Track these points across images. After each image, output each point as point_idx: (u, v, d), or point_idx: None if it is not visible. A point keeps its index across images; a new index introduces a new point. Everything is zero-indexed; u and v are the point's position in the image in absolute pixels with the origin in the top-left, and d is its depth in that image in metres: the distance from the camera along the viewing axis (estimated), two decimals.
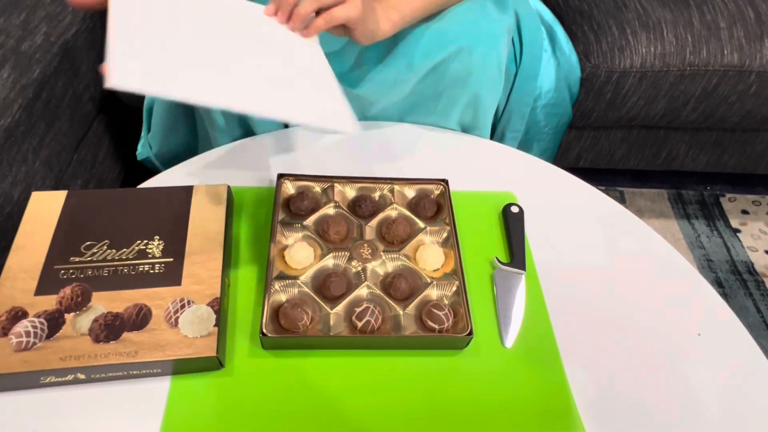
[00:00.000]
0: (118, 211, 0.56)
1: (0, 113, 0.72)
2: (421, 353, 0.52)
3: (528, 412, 0.49)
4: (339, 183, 0.62)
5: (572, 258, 0.62)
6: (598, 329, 0.56)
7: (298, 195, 0.60)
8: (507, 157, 0.74)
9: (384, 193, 0.63)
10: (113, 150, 1.04)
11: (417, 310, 0.53)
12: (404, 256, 0.57)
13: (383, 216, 0.60)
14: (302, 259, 0.55)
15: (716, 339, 0.56)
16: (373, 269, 0.55)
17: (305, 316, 0.50)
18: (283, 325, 0.50)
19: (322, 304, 0.52)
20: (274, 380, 0.49)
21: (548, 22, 1.02)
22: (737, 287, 1.19)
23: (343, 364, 0.51)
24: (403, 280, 0.54)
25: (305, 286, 0.53)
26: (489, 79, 0.73)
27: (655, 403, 0.51)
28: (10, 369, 0.45)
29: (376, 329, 0.51)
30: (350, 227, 0.59)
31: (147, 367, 0.47)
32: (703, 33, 1.01)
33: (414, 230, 0.59)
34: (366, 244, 0.57)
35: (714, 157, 1.24)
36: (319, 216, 0.59)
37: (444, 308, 0.52)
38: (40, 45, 0.82)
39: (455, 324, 0.52)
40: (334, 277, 0.53)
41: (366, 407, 0.48)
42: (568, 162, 1.23)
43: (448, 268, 0.56)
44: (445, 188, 0.63)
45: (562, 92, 1.02)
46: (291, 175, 0.61)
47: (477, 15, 0.72)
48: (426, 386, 0.50)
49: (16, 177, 0.73)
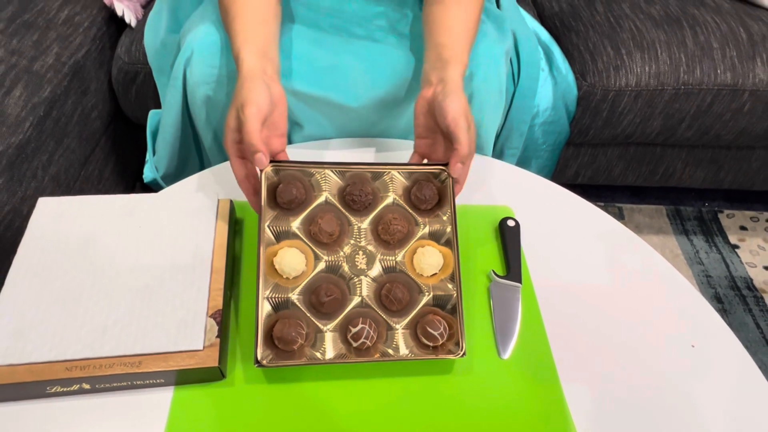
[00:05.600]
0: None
1: (12, 131, 0.74)
2: (417, 368, 0.53)
3: (525, 424, 0.50)
4: (330, 170, 0.56)
5: (568, 271, 0.63)
6: (594, 342, 0.57)
7: (285, 187, 0.54)
8: (504, 174, 0.75)
9: (381, 180, 0.58)
10: (120, 167, 1.06)
11: (412, 325, 0.53)
12: (401, 264, 0.55)
13: (379, 212, 0.56)
14: (293, 268, 0.52)
15: (711, 352, 0.57)
16: (367, 278, 0.54)
17: (300, 337, 0.49)
18: (278, 346, 0.49)
19: (317, 323, 0.51)
20: (274, 391, 0.50)
21: (545, 42, 1.05)
22: (736, 303, 1.20)
23: (341, 375, 0.51)
24: (399, 291, 0.52)
25: (298, 302, 0.52)
26: (490, 101, 0.75)
27: (652, 416, 0.52)
28: (17, 379, 0.46)
29: (372, 347, 0.50)
30: (343, 225, 0.55)
31: (150, 378, 0.48)
32: (696, 53, 1.03)
33: (412, 228, 0.56)
34: (360, 251, 0.54)
35: (711, 174, 1.25)
36: (309, 212, 0.55)
37: (439, 326, 0.51)
38: (52, 65, 0.85)
39: (450, 337, 0.52)
40: (326, 295, 0.51)
41: (364, 418, 0.49)
42: (567, 178, 1.24)
43: (446, 272, 0.55)
44: (448, 175, 0.57)
45: (559, 110, 1.04)
46: (276, 162, 0.55)
47: (477, 39, 0.74)
48: (423, 399, 0.51)
49: (26, 192, 0.75)
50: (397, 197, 0.57)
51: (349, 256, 0.54)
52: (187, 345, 0.49)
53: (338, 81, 0.72)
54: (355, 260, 0.54)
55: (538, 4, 1.23)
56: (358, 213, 0.56)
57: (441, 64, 0.61)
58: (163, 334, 0.49)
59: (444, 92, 0.57)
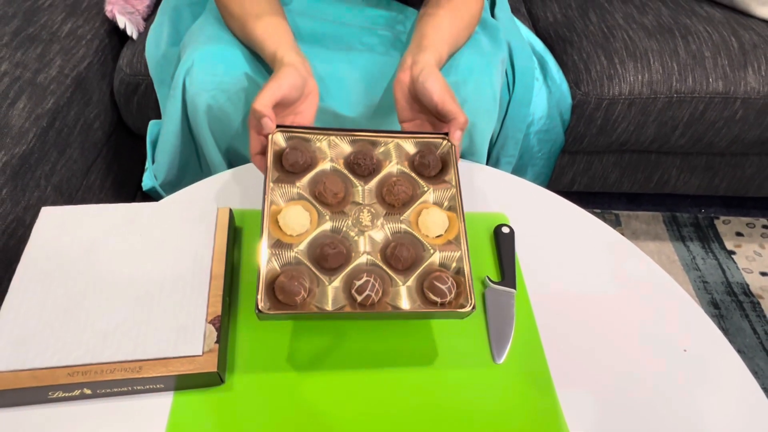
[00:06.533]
0: None
1: (16, 141, 0.76)
2: (412, 366, 0.54)
3: (519, 428, 0.51)
4: (336, 136, 0.58)
5: (562, 278, 0.64)
6: (587, 347, 0.57)
7: (291, 150, 0.55)
8: (499, 181, 0.76)
9: (385, 148, 0.58)
10: (121, 176, 1.07)
11: (418, 282, 0.51)
12: (406, 222, 0.54)
13: (383, 175, 0.57)
14: (298, 225, 0.52)
15: (704, 357, 0.58)
16: (372, 236, 0.53)
17: (302, 289, 0.48)
18: (280, 299, 0.48)
19: (320, 276, 0.50)
20: (272, 396, 0.51)
21: (539, 52, 1.07)
22: (733, 309, 1.20)
23: (338, 380, 0.52)
24: (405, 250, 0.51)
25: (302, 256, 0.51)
26: (483, 107, 0.77)
27: (645, 421, 0.52)
28: (20, 384, 0.47)
29: (377, 302, 0.49)
30: (348, 188, 0.56)
31: (150, 383, 0.49)
32: (688, 62, 1.05)
33: (417, 192, 0.56)
34: (366, 209, 0.54)
35: (705, 181, 1.27)
36: (315, 174, 0.55)
37: (447, 281, 0.50)
38: (55, 77, 0.87)
39: (457, 296, 0.50)
40: (331, 248, 0.50)
41: (360, 423, 0.50)
42: (563, 186, 1.26)
43: (451, 234, 0.54)
44: (450, 144, 0.58)
45: (554, 119, 1.06)
46: (284, 128, 0.57)
47: (471, 49, 0.76)
48: (416, 402, 0.51)
49: (29, 202, 0.76)
50: (401, 164, 0.58)
51: (353, 216, 0.54)
52: (187, 350, 0.50)
53: (333, 90, 0.74)
54: (360, 218, 0.54)
55: (533, 15, 1.25)
56: (362, 178, 0.57)
57: (418, 50, 0.65)
58: (163, 339, 0.50)
59: (423, 75, 0.60)
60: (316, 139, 0.58)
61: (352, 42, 0.79)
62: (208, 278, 0.55)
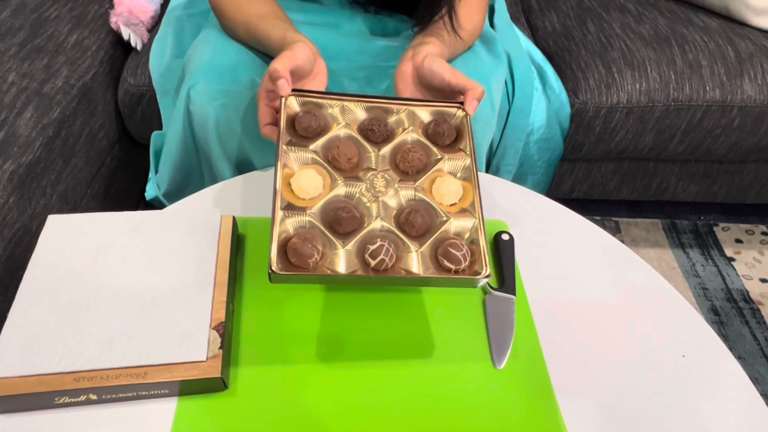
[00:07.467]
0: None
1: (23, 150, 0.77)
2: (412, 371, 0.54)
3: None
4: (350, 102, 0.57)
5: (562, 284, 0.64)
6: (587, 353, 0.58)
7: (304, 114, 0.55)
8: (499, 189, 0.77)
9: (398, 116, 0.58)
10: (125, 185, 1.08)
11: (432, 249, 0.50)
12: (420, 189, 0.53)
13: (397, 142, 0.56)
14: (311, 188, 0.51)
15: (703, 363, 0.58)
16: (386, 202, 0.52)
17: (315, 252, 0.47)
18: (293, 261, 0.48)
19: (334, 240, 0.49)
20: (275, 400, 0.51)
21: (538, 62, 1.08)
22: (733, 315, 1.21)
23: (342, 387, 0.53)
24: (419, 216, 0.51)
25: (314, 219, 0.50)
26: (481, 117, 0.78)
27: (646, 428, 0.53)
28: (27, 390, 0.47)
29: (390, 268, 0.48)
30: (361, 153, 0.55)
31: (155, 388, 0.50)
32: (685, 71, 1.06)
33: (431, 160, 0.55)
34: (380, 174, 0.53)
35: (704, 188, 1.27)
36: (328, 139, 0.55)
37: (462, 248, 0.49)
38: (61, 87, 0.88)
39: (472, 264, 0.50)
40: (345, 212, 0.50)
41: (362, 426, 0.50)
42: (563, 193, 1.27)
43: (466, 202, 0.53)
44: (465, 113, 0.58)
45: (553, 128, 1.07)
46: (298, 91, 0.56)
47: (469, 60, 0.77)
48: (417, 407, 0.52)
49: (35, 210, 0.77)
50: (416, 132, 0.58)
51: (368, 181, 0.53)
52: (191, 356, 0.50)
53: (333, 89, 0.75)
54: (374, 184, 0.53)
55: (532, 25, 1.27)
56: (376, 144, 0.56)
57: (417, 45, 0.66)
58: (167, 345, 0.51)
59: (427, 60, 0.61)
60: (329, 104, 0.57)
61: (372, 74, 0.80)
62: (211, 285, 0.56)
